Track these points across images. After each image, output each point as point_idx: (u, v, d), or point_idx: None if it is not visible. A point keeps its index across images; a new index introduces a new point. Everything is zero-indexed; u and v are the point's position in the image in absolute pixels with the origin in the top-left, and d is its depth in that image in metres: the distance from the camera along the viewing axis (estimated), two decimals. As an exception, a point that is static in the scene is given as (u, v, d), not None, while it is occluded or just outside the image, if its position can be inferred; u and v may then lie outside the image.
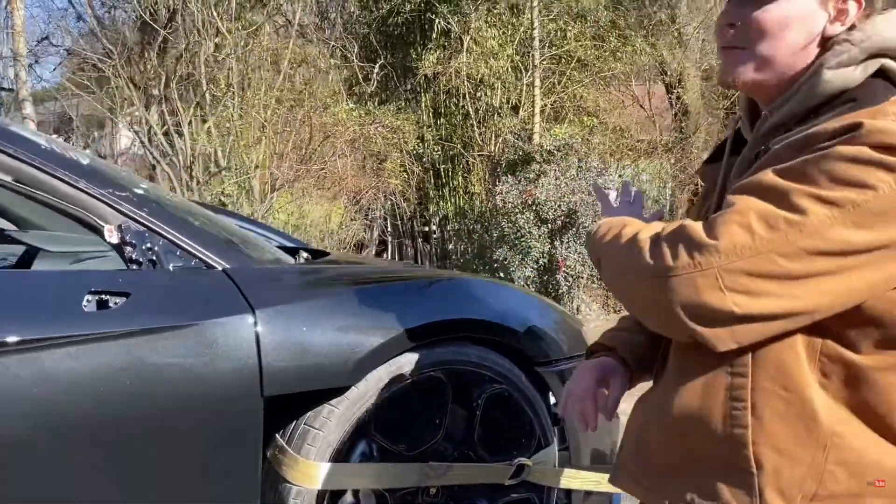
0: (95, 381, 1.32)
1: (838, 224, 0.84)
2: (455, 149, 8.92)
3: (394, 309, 1.67)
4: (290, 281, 1.69)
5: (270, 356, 1.49)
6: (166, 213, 1.56)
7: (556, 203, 7.26)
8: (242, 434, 1.48)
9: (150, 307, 1.43)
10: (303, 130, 7.26)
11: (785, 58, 0.99)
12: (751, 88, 1.04)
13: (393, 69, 9.10)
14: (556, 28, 8.36)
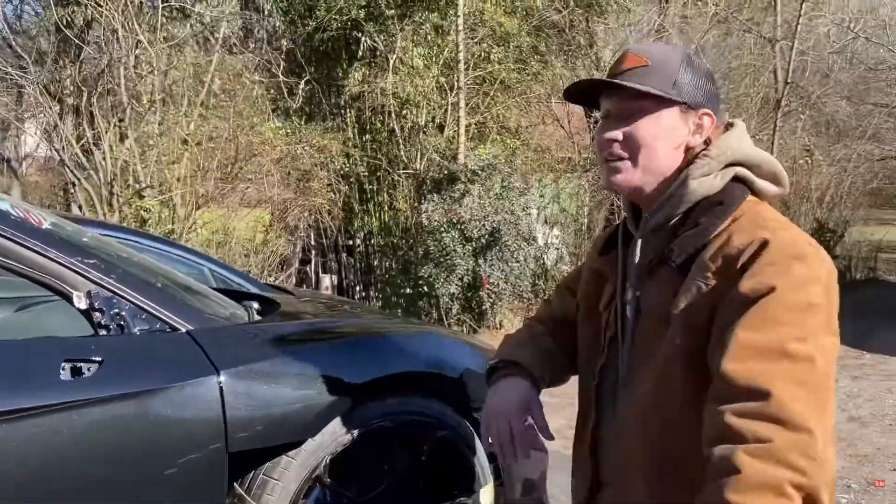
0: (75, 446, 1.40)
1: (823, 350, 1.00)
2: (380, 165, 9.04)
3: (346, 365, 1.80)
4: (250, 340, 1.79)
5: (235, 415, 1.59)
6: (132, 278, 1.64)
7: (481, 222, 7.48)
8: (209, 488, 1.58)
9: (123, 373, 1.51)
10: (229, 148, 7.22)
11: (658, 166, 1.16)
12: (631, 193, 1.21)
13: (318, 85, 9.14)
14: (481, 51, 8.60)
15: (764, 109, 10.36)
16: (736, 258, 1.06)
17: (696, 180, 1.14)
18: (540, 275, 8.75)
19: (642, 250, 1.20)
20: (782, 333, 0.98)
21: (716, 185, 1.14)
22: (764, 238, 1.05)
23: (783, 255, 1.04)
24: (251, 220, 8.02)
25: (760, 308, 1.00)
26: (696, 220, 1.13)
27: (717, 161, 1.15)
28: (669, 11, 9.82)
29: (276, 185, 7.47)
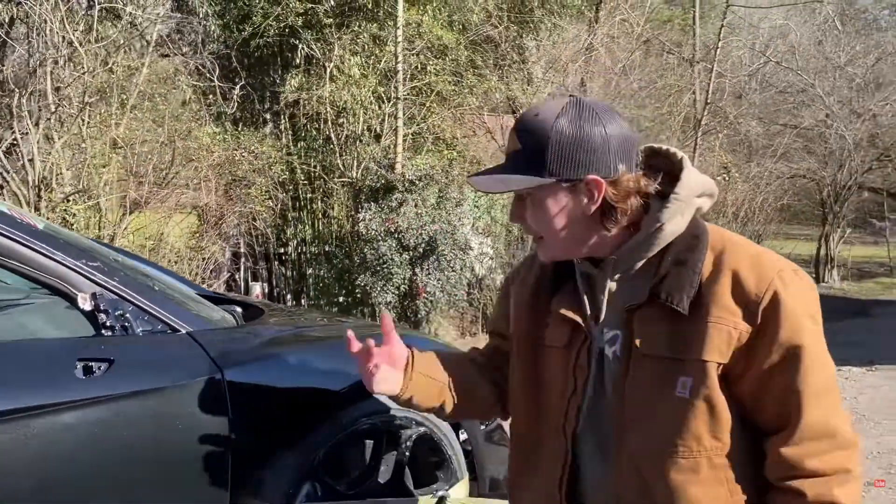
0: (87, 442, 1.43)
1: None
2: (315, 173, 9.04)
3: (338, 365, 1.88)
4: (249, 343, 1.85)
5: (238, 412, 1.65)
6: (133, 281, 1.67)
7: (418, 231, 7.58)
8: (214, 483, 1.63)
9: (133, 372, 1.55)
10: (165, 152, 7.09)
11: (568, 240, 1.18)
12: (566, 258, 1.24)
13: (253, 90, 9.08)
14: (418, 62, 8.74)
15: (685, 128, 10.89)
16: (756, 301, 1.12)
17: (670, 223, 1.15)
18: (474, 284, 8.93)
19: (620, 292, 1.19)
20: (824, 381, 1.13)
21: (683, 224, 1.17)
22: (775, 289, 1.12)
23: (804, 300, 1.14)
24: (185, 225, 7.89)
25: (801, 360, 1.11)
26: (678, 258, 1.15)
27: (688, 202, 1.17)
28: (598, 31, 10.22)
29: (212, 190, 7.37)
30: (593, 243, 1.19)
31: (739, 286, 1.12)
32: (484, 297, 9.14)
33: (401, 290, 7.69)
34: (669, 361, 1.13)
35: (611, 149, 1.14)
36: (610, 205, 1.15)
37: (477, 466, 2.23)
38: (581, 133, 1.13)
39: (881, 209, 16.44)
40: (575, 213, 1.16)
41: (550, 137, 1.13)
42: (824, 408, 1.12)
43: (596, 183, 1.14)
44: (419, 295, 7.78)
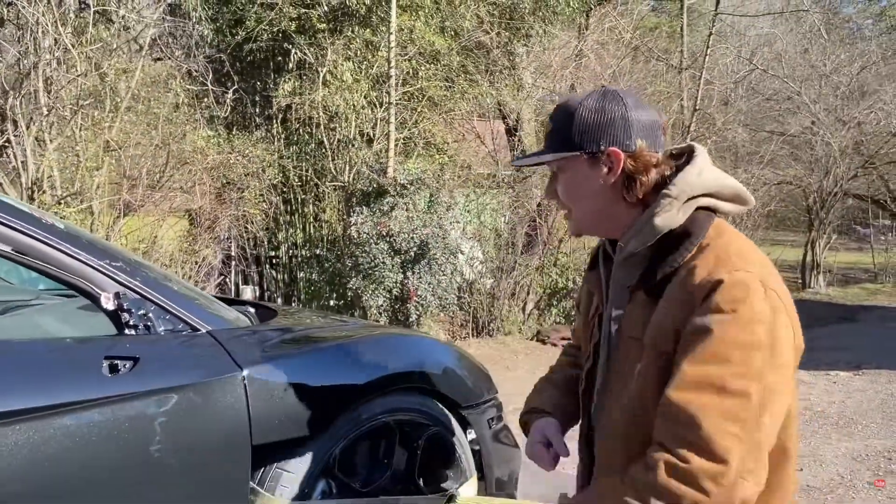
0: (113, 438, 1.46)
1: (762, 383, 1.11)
2: (307, 177, 9.06)
3: (353, 364, 1.92)
4: (266, 342, 1.88)
5: (257, 410, 1.69)
6: (153, 281, 1.70)
7: (409, 235, 7.62)
8: (236, 479, 1.66)
9: (158, 370, 1.58)
10: (159, 155, 7.09)
11: (589, 213, 1.31)
12: (590, 235, 1.37)
13: (246, 94, 9.09)
14: (410, 67, 8.79)
15: (674, 134, 11.00)
16: (694, 292, 1.17)
17: (659, 216, 1.24)
18: (465, 288, 8.97)
19: (620, 274, 1.31)
20: (723, 370, 1.11)
21: (679, 219, 1.24)
22: (719, 278, 1.15)
23: (733, 296, 1.13)
24: (178, 229, 7.89)
25: (708, 343, 1.12)
26: (666, 250, 1.23)
27: (679, 199, 1.24)
28: (588, 38, 10.31)
29: (206, 194, 7.38)
30: (612, 219, 1.29)
31: (690, 279, 1.18)
32: (474, 301, 9.18)
33: (392, 294, 7.72)
34: (637, 342, 1.24)
35: (631, 126, 1.25)
36: (630, 177, 1.26)
37: (485, 466, 2.28)
38: (603, 111, 1.26)
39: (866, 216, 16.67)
40: (597, 184, 1.28)
41: (575, 115, 1.27)
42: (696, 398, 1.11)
43: (615, 154, 1.26)
44: (410, 299, 7.81)
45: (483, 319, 9.24)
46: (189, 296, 1.81)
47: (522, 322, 9.52)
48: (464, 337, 9.06)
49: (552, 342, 8.89)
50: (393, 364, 2.04)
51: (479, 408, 2.25)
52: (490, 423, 2.31)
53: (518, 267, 9.36)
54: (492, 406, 2.35)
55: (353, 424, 1.91)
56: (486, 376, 2.44)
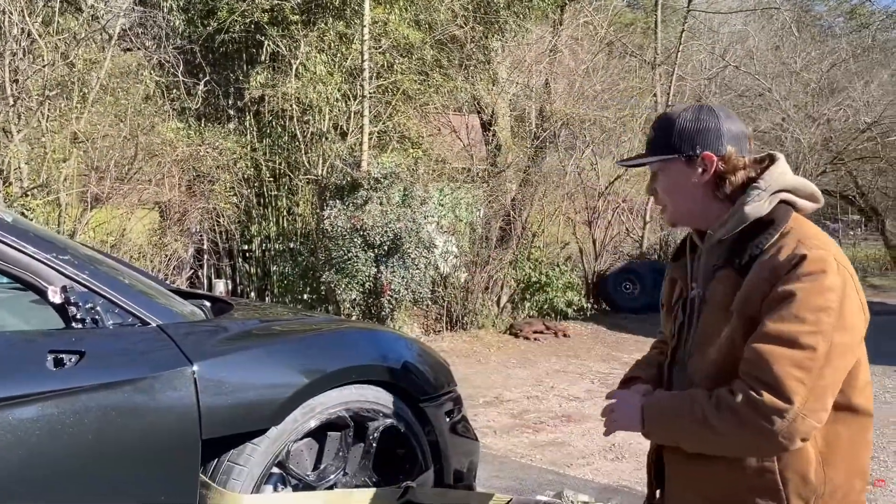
0: (57, 432, 1.45)
1: (829, 341, 1.34)
2: (280, 170, 9.00)
3: (307, 358, 1.91)
4: (218, 335, 1.87)
5: (207, 404, 1.68)
6: (103, 274, 1.69)
7: (383, 229, 7.61)
8: (185, 473, 1.66)
9: (104, 364, 1.56)
10: (127, 147, 7.01)
11: (682, 208, 1.54)
12: (682, 226, 1.59)
13: (218, 86, 9.00)
14: (384, 60, 8.75)
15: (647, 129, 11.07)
16: (781, 268, 1.39)
17: (749, 206, 1.47)
18: (438, 282, 8.98)
19: (707, 258, 1.53)
20: (799, 327, 1.34)
21: (765, 209, 1.47)
22: (803, 253, 1.38)
23: (813, 268, 1.37)
24: (147, 221, 7.80)
25: (789, 305, 1.35)
26: (753, 235, 1.45)
27: (766, 191, 1.47)
28: (562, 34, 10.34)
29: (175, 186, 7.31)
30: (703, 213, 1.52)
31: (776, 257, 1.41)
32: (448, 295, 9.19)
33: (365, 288, 7.71)
34: (723, 312, 1.45)
35: (722, 134, 1.50)
36: (721, 177, 1.50)
37: (442, 458, 2.28)
38: (698, 121, 1.51)
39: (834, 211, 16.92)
40: (692, 183, 1.51)
41: (675, 124, 1.52)
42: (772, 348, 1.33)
43: (708, 157, 1.49)
44: (384, 292, 7.80)
45: (457, 313, 9.26)
46: (140, 289, 1.80)
47: (496, 316, 9.55)
48: (438, 331, 9.07)
49: (525, 335, 8.94)
50: (349, 358, 2.04)
51: (436, 401, 2.26)
52: (448, 415, 2.32)
53: (492, 261, 9.39)
54: (450, 399, 2.35)
55: (306, 418, 1.91)
56: (446, 370, 2.45)
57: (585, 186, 10.79)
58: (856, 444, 1.45)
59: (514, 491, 3.61)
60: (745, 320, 1.41)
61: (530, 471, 4.24)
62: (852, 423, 1.45)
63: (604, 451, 4.74)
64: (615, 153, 11.09)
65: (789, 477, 1.40)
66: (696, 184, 1.51)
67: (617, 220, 11.20)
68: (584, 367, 7.45)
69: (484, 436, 5.01)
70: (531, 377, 6.97)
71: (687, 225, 1.59)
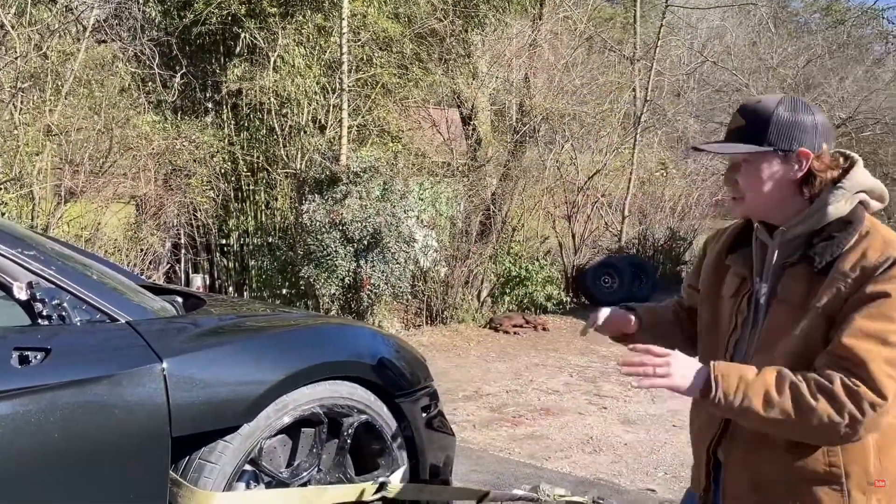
0: (23, 431, 1.42)
1: None
2: (258, 164, 8.93)
3: (280, 354, 1.90)
4: (189, 331, 1.85)
5: (177, 401, 1.66)
6: (70, 270, 1.66)
7: (362, 223, 7.58)
8: (154, 472, 1.64)
9: (70, 361, 1.54)
10: (102, 140, 6.91)
11: (764, 202, 1.51)
12: (756, 219, 1.57)
13: (194, 79, 8.90)
14: (363, 54, 8.71)
15: (625, 124, 11.13)
16: (872, 269, 1.41)
17: (833, 205, 1.47)
18: (418, 276, 8.97)
19: (779, 254, 1.52)
20: (889, 326, 1.37)
21: (846, 209, 1.48)
22: (894, 257, 1.40)
23: None
24: (123, 215, 7.70)
25: (880, 304, 1.38)
26: (831, 234, 1.46)
27: (851, 192, 1.48)
28: (541, 28, 10.34)
29: (151, 180, 7.22)
30: (782, 208, 1.51)
31: (864, 258, 1.43)
32: (428, 290, 9.19)
33: (345, 283, 7.67)
34: (797, 309, 1.46)
35: (818, 131, 1.49)
36: (812, 174, 1.49)
37: (418, 452, 2.28)
38: (796, 115, 1.49)
39: (810, 205, 17.05)
40: (782, 178, 1.49)
41: (771, 116, 1.49)
42: (866, 345, 1.36)
43: (805, 154, 1.48)
44: (363, 287, 7.77)
45: (437, 307, 9.26)
46: (109, 285, 1.77)
47: (476, 310, 9.56)
48: (418, 325, 9.06)
49: (504, 329, 8.95)
50: (324, 354, 2.03)
51: (412, 396, 2.25)
52: (424, 410, 2.31)
53: (472, 255, 9.39)
54: (426, 395, 2.35)
55: (280, 414, 1.89)
56: (422, 366, 2.44)
57: (565, 181, 10.81)
58: None
59: (492, 485, 3.62)
60: (826, 318, 1.43)
61: (508, 464, 4.25)
62: None
63: (581, 444, 4.77)
64: (594, 148, 11.13)
65: (852, 470, 1.46)
66: (786, 179, 1.50)
67: (596, 215, 11.24)
68: (562, 360, 7.49)
69: (463, 430, 5.02)
70: (510, 371, 6.99)
71: (762, 218, 1.56)
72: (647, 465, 4.40)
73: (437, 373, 6.78)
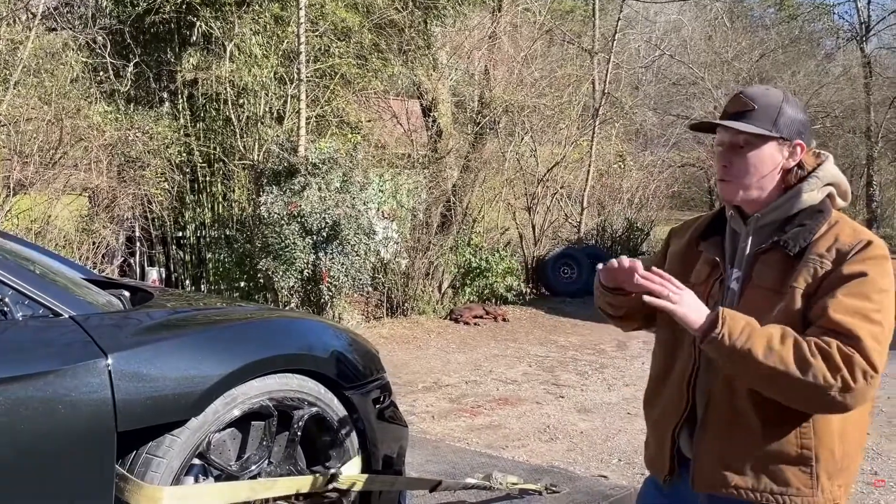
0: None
1: (890, 321, 1.46)
2: (215, 155, 8.81)
3: (228, 347, 1.89)
4: (135, 326, 1.83)
5: (123, 396, 1.65)
6: (11, 264, 1.64)
7: (321, 215, 7.53)
8: (99, 466, 1.62)
9: (11, 357, 1.52)
10: (52, 131, 6.75)
11: (757, 185, 1.57)
12: (741, 204, 1.61)
13: (148, 68, 8.74)
14: (321, 44, 8.63)
15: (584, 117, 11.23)
16: (847, 250, 1.49)
17: (807, 193, 1.56)
18: (379, 268, 8.96)
19: (752, 241, 1.58)
20: (868, 305, 1.44)
21: (817, 198, 1.57)
22: (869, 239, 1.50)
23: (878, 252, 1.49)
24: (74, 208, 7.54)
25: (860, 282, 1.45)
26: (802, 222, 1.55)
27: (822, 182, 1.58)
28: (501, 20, 10.38)
29: (104, 172, 7.08)
30: (764, 195, 1.57)
31: (838, 241, 1.51)
32: (389, 282, 9.18)
33: (304, 275, 7.63)
34: (772, 293, 1.52)
35: (807, 127, 1.61)
36: (800, 164, 1.58)
37: (369, 444, 2.30)
38: (797, 110, 1.60)
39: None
40: (776, 164, 1.57)
41: (783, 107, 1.57)
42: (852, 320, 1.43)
43: (802, 146, 1.58)
44: (323, 279, 7.74)
45: (397, 299, 9.27)
46: (52, 280, 1.75)
47: (437, 301, 9.59)
48: (378, 317, 9.06)
49: (465, 320, 9.00)
50: (273, 347, 2.03)
51: (363, 388, 2.26)
52: (376, 402, 2.33)
53: (433, 247, 9.41)
54: (378, 387, 2.36)
55: (228, 408, 1.89)
56: (375, 358, 2.46)
57: (525, 173, 10.89)
58: (863, 419, 1.57)
59: (447, 474, 3.66)
60: (805, 297, 1.49)
61: (464, 454, 4.29)
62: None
63: (538, 433, 4.84)
64: (553, 140, 11.22)
65: (822, 454, 1.49)
66: (778, 167, 1.58)
67: (556, 206, 11.35)
68: (521, 350, 7.56)
69: (422, 421, 5.05)
70: (470, 362, 7.04)
71: (744, 202, 1.61)
72: (601, 452, 4.48)
73: (397, 364, 6.81)
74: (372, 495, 2.30)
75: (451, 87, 10.46)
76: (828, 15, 22.65)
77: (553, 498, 3.50)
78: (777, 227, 1.57)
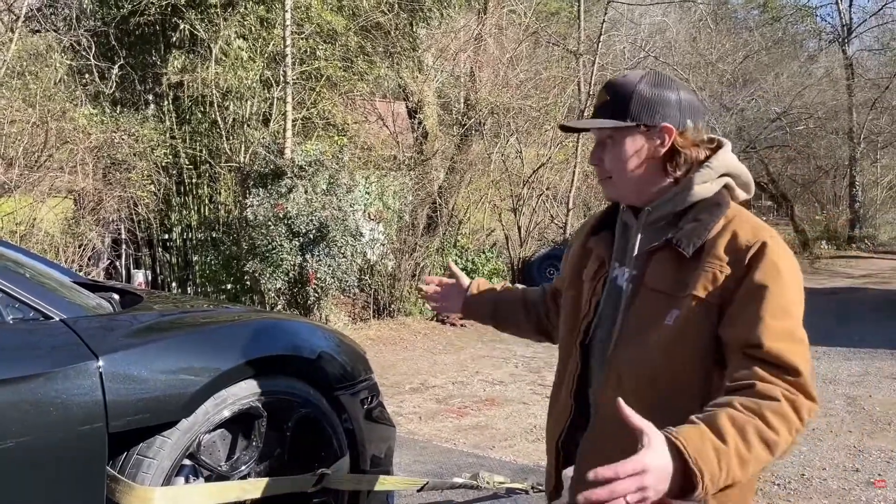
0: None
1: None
2: (201, 157, 8.80)
3: (218, 349, 1.91)
4: (125, 328, 1.85)
5: (114, 398, 1.67)
6: (1, 268, 1.65)
7: (308, 217, 7.55)
8: (90, 468, 1.64)
9: (3, 360, 1.53)
10: (37, 133, 6.72)
11: (631, 179, 1.44)
12: (620, 200, 1.52)
13: (133, 70, 8.71)
14: (307, 46, 8.65)
15: (570, 118, 11.29)
16: (745, 251, 1.35)
17: (699, 185, 1.42)
18: (366, 270, 8.98)
19: (642, 238, 1.45)
20: (792, 322, 1.33)
21: (712, 190, 1.43)
22: (764, 240, 1.36)
23: (780, 254, 1.36)
24: (59, 211, 7.51)
25: (776, 298, 1.32)
26: (696, 216, 1.40)
27: (716, 172, 1.43)
28: (487, 22, 10.42)
29: (89, 174, 7.06)
30: (648, 188, 1.44)
31: (735, 241, 1.37)
32: (375, 283, 9.20)
33: (290, 277, 7.64)
34: (666, 296, 1.39)
35: (682, 108, 1.43)
36: (676, 151, 1.42)
37: (358, 444, 2.32)
38: (660, 91, 1.43)
39: (748, 197, 17.58)
40: (646, 154, 1.43)
41: (634, 91, 1.42)
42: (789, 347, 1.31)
43: (668, 130, 1.41)
44: (309, 281, 7.75)
45: (384, 301, 9.28)
46: (42, 283, 1.77)
47: (424, 303, 9.61)
48: (365, 319, 9.08)
49: (451, 322, 9.03)
50: (263, 348, 2.05)
51: (351, 389, 2.29)
52: (364, 403, 2.36)
53: (419, 248, 9.44)
54: (365, 388, 2.39)
55: (218, 409, 1.91)
56: (362, 359, 2.49)
57: (511, 174, 10.94)
58: None
59: (435, 475, 3.68)
60: (706, 307, 1.35)
61: (452, 455, 4.32)
62: None
63: (525, 433, 4.87)
64: (539, 141, 11.28)
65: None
66: (649, 156, 1.43)
67: (541, 207, 11.40)
68: (508, 351, 7.60)
69: (409, 422, 5.07)
70: (457, 363, 7.07)
71: (629, 199, 1.48)
72: (587, 451, 4.52)
73: (384, 366, 6.82)
74: (360, 495, 2.33)
75: (436, 89, 10.50)
76: (811, 17, 22.92)
77: (540, 497, 3.53)
78: (670, 221, 1.43)
